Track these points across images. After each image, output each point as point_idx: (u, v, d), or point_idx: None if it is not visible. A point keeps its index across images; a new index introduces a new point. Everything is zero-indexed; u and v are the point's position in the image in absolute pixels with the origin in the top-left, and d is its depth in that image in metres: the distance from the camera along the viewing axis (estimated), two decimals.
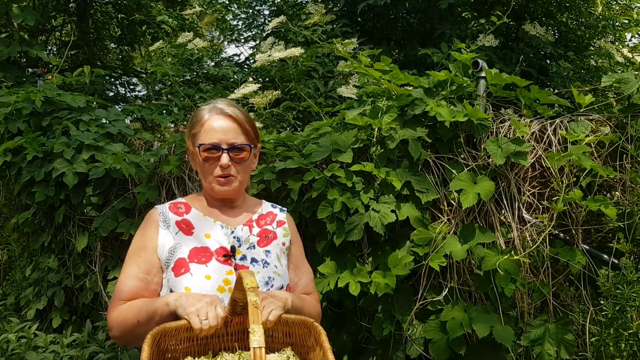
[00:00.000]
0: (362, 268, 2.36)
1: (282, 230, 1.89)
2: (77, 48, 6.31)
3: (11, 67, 5.26)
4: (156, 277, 1.72)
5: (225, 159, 1.75)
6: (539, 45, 4.42)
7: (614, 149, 2.28)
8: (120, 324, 1.65)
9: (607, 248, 2.28)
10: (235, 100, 3.16)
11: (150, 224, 1.79)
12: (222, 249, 1.75)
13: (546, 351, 2.21)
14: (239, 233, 1.81)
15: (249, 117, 1.85)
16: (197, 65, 4.29)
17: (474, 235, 2.29)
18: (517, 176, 2.39)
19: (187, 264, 1.70)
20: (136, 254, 1.75)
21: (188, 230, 1.78)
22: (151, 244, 1.74)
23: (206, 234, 1.78)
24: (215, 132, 1.76)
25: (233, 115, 1.78)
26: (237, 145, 1.77)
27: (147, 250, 1.74)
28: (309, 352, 1.58)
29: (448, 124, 2.35)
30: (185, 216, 1.81)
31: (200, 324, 1.46)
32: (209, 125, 1.77)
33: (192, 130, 1.82)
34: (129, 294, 1.69)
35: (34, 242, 3.61)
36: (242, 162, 1.79)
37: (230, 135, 1.76)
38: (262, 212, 1.92)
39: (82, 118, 3.47)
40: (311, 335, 1.55)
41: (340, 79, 3.78)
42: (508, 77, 2.40)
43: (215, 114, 1.78)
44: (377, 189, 2.41)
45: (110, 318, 1.69)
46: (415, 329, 2.34)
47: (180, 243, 1.74)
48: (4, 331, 3.14)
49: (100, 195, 3.25)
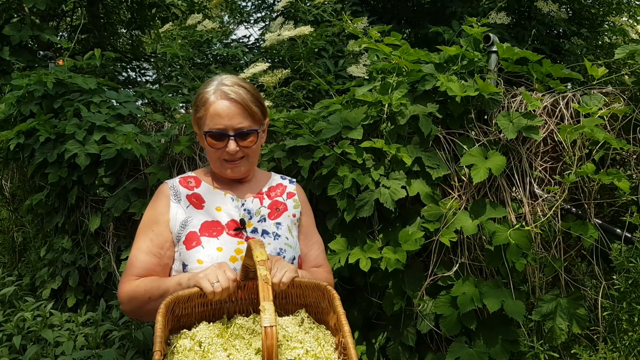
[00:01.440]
0: (373, 244, 2.36)
1: (292, 202, 1.89)
2: (88, 32, 6.32)
3: (23, 52, 5.28)
4: (169, 251, 1.73)
5: (232, 146, 1.71)
6: (551, 22, 4.36)
7: (627, 122, 2.25)
8: (132, 300, 1.66)
9: (619, 222, 2.26)
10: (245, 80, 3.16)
11: (161, 198, 1.79)
12: (233, 222, 1.76)
13: (558, 326, 2.20)
14: (249, 205, 1.81)
15: (255, 94, 1.78)
16: (206, 47, 4.28)
17: (485, 211, 2.28)
18: (529, 151, 2.37)
19: (199, 237, 1.70)
20: (148, 228, 1.75)
21: (199, 204, 1.78)
22: (163, 218, 1.74)
23: (217, 207, 1.78)
24: (220, 118, 1.70)
25: (238, 99, 1.71)
26: (244, 131, 1.72)
27: (160, 224, 1.74)
28: (323, 315, 1.58)
29: (459, 99, 2.33)
30: (195, 190, 1.81)
31: (212, 286, 1.45)
32: (214, 110, 1.71)
33: (197, 114, 1.77)
34: (142, 269, 1.69)
35: (48, 223, 3.66)
36: (250, 145, 1.75)
37: (236, 120, 1.70)
38: (272, 184, 1.92)
39: (93, 100, 3.49)
40: (325, 299, 1.55)
41: (350, 58, 3.76)
42: (520, 51, 2.37)
43: (219, 98, 1.71)
44: (388, 165, 2.40)
45: (121, 292, 1.69)
46: (425, 304, 2.34)
47: (191, 217, 1.74)
48: (20, 310, 3.19)
49: (112, 176, 3.27)
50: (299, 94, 3.26)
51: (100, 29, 6.51)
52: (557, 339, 2.20)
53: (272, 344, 1.12)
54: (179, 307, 1.47)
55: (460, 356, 2.22)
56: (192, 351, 1.39)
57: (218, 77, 1.80)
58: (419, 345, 2.42)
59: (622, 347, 2.16)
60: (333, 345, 1.50)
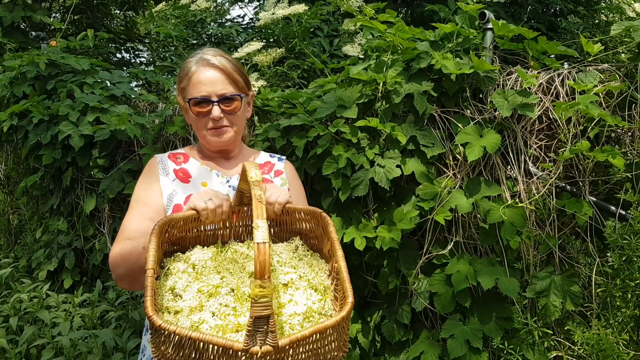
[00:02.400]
0: (368, 223, 2.36)
1: (279, 180, 1.88)
2: (81, 13, 6.25)
3: (15, 33, 5.24)
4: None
5: (216, 112, 1.72)
6: (548, 0, 4.32)
7: (623, 99, 2.24)
8: (125, 257, 1.55)
9: (614, 200, 2.26)
10: (239, 59, 3.13)
11: (152, 171, 1.80)
12: None
13: (552, 303, 2.22)
14: (234, 182, 1.81)
15: (238, 65, 1.80)
16: (200, 27, 4.24)
17: (480, 189, 2.28)
18: (524, 129, 2.36)
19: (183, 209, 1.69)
20: (142, 195, 1.74)
21: (185, 178, 1.79)
22: (156, 186, 1.75)
23: (203, 182, 1.79)
24: (203, 85, 1.72)
25: (220, 66, 1.74)
26: (227, 95, 1.73)
27: (153, 190, 1.74)
28: (317, 242, 1.58)
29: (454, 76, 2.32)
30: (183, 165, 1.82)
31: (205, 203, 1.45)
32: (197, 78, 1.73)
33: (180, 85, 1.79)
34: (134, 231, 1.62)
35: (43, 205, 3.65)
36: (234, 112, 1.76)
37: (219, 86, 1.73)
38: (260, 161, 1.92)
39: (87, 81, 3.47)
40: (319, 226, 1.55)
41: (345, 38, 3.73)
42: (515, 28, 2.35)
43: (202, 66, 1.74)
44: (382, 144, 2.39)
45: (112, 256, 1.59)
46: (420, 282, 2.35)
47: (177, 190, 1.75)
48: (17, 292, 3.20)
49: (107, 157, 3.26)
50: (293, 74, 3.24)
51: (94, 9, 6.44)
52: (550, 316, 2.21)
53: (264, 259, 1.11)
54: (172, 231, 1.47)
55: (455, 333, 2.23)
56: (185, 273, 1.39)
57: (200, 50, 1.82)
58: (414, 323, 2.43)
59: (615, 323, 2.17)
60: (326, 272, 1.51)
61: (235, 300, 1.33)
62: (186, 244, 1.53)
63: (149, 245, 1.31)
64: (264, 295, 1.11)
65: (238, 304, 1.32)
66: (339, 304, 1.40)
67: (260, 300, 1.11)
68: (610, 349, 2.09)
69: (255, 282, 1.11)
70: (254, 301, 1.11)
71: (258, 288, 1.11)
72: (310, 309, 1.35)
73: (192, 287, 1.35)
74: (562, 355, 2.24)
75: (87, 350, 2.76)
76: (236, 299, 1.33)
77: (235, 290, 1.35)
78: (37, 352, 2.84)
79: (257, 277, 1.11)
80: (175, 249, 1.52)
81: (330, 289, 1.46)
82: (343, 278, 1.36)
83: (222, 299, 1.33)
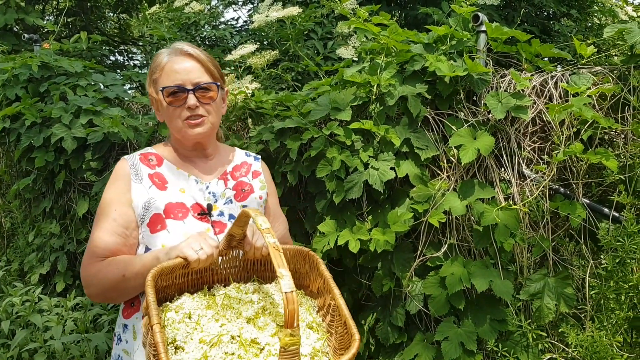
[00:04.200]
0: (362, 226, 2.35)
1: (258, 183, 1.85)
2: (74, 15, 6.24)
3: (8, 35, 5.22)
4: (134, 231, 1.64)
5: (192, 100, 1.64)
6: (541, 3, 4.34)
7: (616, 101, 2.24)
8: (101, 281, 1.57)
9: (607, 202, 2.27)
10: (233, 62, 3.13)
11: (122, 177, 1.69)
12: (198, 205, 1.70)
13: (546, 305, 2.22)
14: (213, 188, 1.75)
15: (212, 58, 1.75)
16: (194, 29, 4.24)
17: (474, 191, 2.28)
18: (518, 131, 2.36)
19: (164, 220, 1.63)
20: (110, 208, 1.64)
21: (162, 184, 1.69)
22: (125, 197, 1.65)
23: (181, 188, 1.71)
24: (177, 74, 1.65)
25: (194, 55, 1.68)
26: (203, 84, 1.66)
27: (122, 204, 1.64)
28: (302, 279, 1.61)
29: (448, 79, 2.32)
30: (157, 169, 1.72)
31: (197, 254, 1.43)
32: (170, 67, 1.66)
33: (152, 77, 1.71)
34: (106, 250, 1.59)
35: (35, 208, 3.64)
36: (210, 101, 1.69)
37: (193, 74, 1.66)
38: (237, 162, 1.86)
39: (80, 83, 3.46)
40: (305, 264, 1.57)
41: (339, 40, 3.73)
42: (509, 30, 2.36)
43: (175, 55, 1.68)
44: (377, 146, 2.39)
45: (86, 276, 1.60)
46: (414, 285, 2.35)
47: (154, 198, 1.66)
48: (9, 295, 3.17)
49: (100, 159, 3.25)
50: (287, 76, 3.24)
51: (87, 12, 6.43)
52: (544, 318, 2.21)
53: (293, 308, 1.12)
54: (160, 279, 1.44)
55: (449, 336, 2.23)
56: (182, 323, 1.37)
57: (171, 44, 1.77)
58: (408, 326, 2.43)
59: (609, 325, 2.17)
60: (316, 308, 1.53)
61: (239, 347, 1.33)
62: (171, 291, 1.51)
63: (148, 298, 1.28)
64: (294, 344, 1.13)
65: (242, 351, 1.32)
66: (338, 339, 1.43)
67: (289, 348, 1.13)
68: (604, 351, 2.09)
69: (285, 331, 1.12)
70: (284, 350, 1.13)
71: (288, 337, 1.13)
72: (315, 349, 1.37)
73: (193, 337, 1.34)
74: (556, 357, 2.24)
75: (79, 355, 2.74)
76: (240, 346, 1.33)
77: (236, 338, 1.35)
78: (29, 356, 2.82)
79: (287, 326, 1.12)
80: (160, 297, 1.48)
81: (323, 326, 1.49)
82: (345, 315, 1.39)
83: (226, 347, 1.32)
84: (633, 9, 4.72)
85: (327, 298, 1.50)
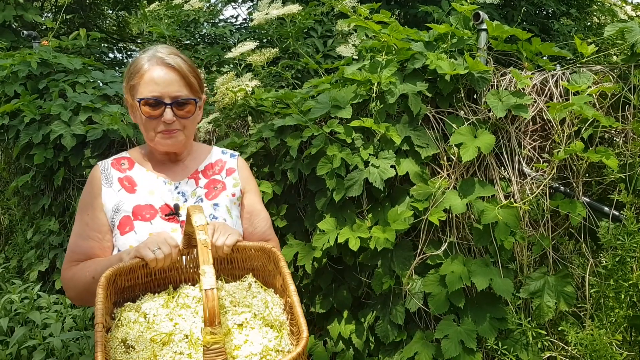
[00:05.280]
0: (362, 224, 2.35)
1: (231, 180, 1.83)
2: (73, 12, 6.22)
3: (6, 32, 5.21)
4: (107, 234, 1.66)
5: (169, 115, 1.62)
6: (541, 2, 4.34)
7: (617, 100, 2.24)
8: (76, 284, 1.61)
9: (607, 200, 2.27)
10: (233, 59, 3.12)
11: (93, 182, 1.71)
12: (167, 206, 1.69)
13: (545, 303, 2.22)
14: (183, 188, 1.75)
15: (193, 67, 1.72)
16: (193, 27, 4.23)
17: (474, 190, 2.28)
18: (518, 129, 2.36)
19: (132, 221, 1.64)
20: (83, 213, 1.68)
21: (131, 187, 1.70)
22: (96, 202, 1.67)
23: (150, 190, 1.71)
24: (156, 85, 1.62)
25: (175, 66, 1.64)
26: (181, 99, 1.64)
27: (94, 208, 1.66)
28: (270, 277, 1.58)
29: (448, 77, 2.32)
30: (128, 172, 1.73)
31: (154, 254, 1.42)
32: (149, 77, 1.62)
33: (130, 82, 1.68)
34: (81, 254, 1.64)
35: (34, 205, 3.63)
36: (187, 115, 1.67)
37: (172, 87, 1.63)
38: (211, 160, 1.85)
39: (79, 80, 3.45)
40: (271, 261, 1.55)
41: (339, 38, 3.72)
42: (509, 29, 2.35)
43: (155, 64, 1.63)
44: (377, 144, 2.39)
45: (64, 280, 1.65)
46: (414, 283, 2.35)
47: (123, 201, 1.67)
48: (7, 292, 3.16)
49: (99, 157, 3.23)
50: (287, 74, 3.23)
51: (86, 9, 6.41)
52: (544, 316, 2.21)
53: (213, 305, 1.10)
54: (121, 279, 1.45)
55: (449, 334, 2.23)
56: (137, 323, 1.37)
57: (153, 46, 1.73)
58: (408, 324, 2.43)
59: (608, 324, 2.18)
60: (281, 307, 1.50)
61: (189, 347, 1.31)
62: (137, 291, 1.50)
63: (97, 298, 1.29)
64: (216, 342, 1.11)
65: (193, 349, 1.31)
66: (295, 338, 1.41)
67: (212, 347, 1.11)
68: (603, 349, 2.09)
69: (205, 329, 1.10)
70: (207, 349, 1.11)
71: (209, 335, 1.11)
72: (267, 348, 1.35)
73: (144, 337, 1.33)
74: (555, 355, 2.24)
75: (78, 352, 2.74)
76: (190, 345, 1.32)
77: (189, 337, 1.34)
78: (28, 354, 2.81)
79: (207, 324, 1.11)
80: (126, 296, 1.49)
81: (286, 324, 1.46)
82: (297, 313, 1.36)
83: (176, 346, 1.31)
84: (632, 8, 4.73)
85: (286, 295, 1.48)
